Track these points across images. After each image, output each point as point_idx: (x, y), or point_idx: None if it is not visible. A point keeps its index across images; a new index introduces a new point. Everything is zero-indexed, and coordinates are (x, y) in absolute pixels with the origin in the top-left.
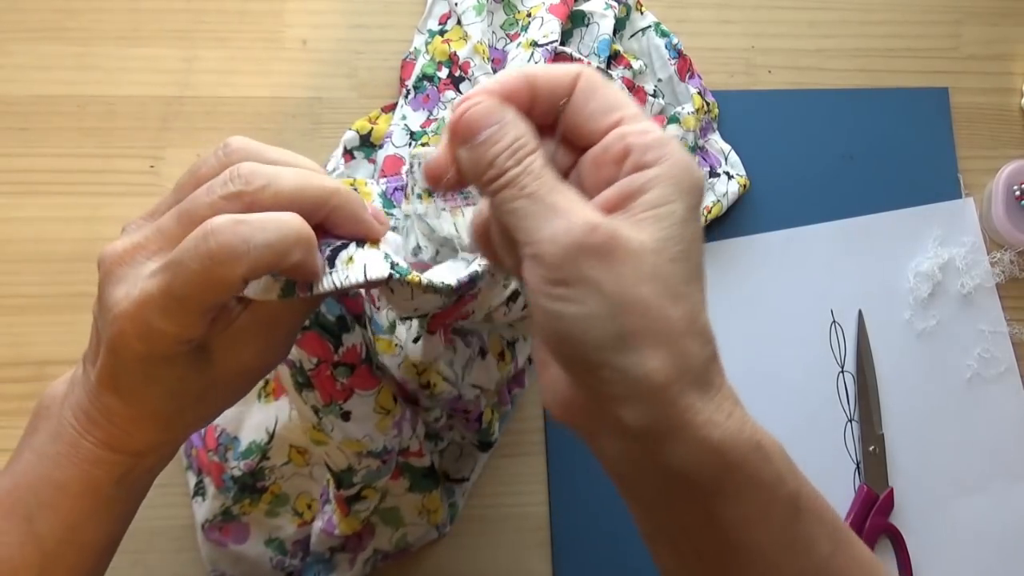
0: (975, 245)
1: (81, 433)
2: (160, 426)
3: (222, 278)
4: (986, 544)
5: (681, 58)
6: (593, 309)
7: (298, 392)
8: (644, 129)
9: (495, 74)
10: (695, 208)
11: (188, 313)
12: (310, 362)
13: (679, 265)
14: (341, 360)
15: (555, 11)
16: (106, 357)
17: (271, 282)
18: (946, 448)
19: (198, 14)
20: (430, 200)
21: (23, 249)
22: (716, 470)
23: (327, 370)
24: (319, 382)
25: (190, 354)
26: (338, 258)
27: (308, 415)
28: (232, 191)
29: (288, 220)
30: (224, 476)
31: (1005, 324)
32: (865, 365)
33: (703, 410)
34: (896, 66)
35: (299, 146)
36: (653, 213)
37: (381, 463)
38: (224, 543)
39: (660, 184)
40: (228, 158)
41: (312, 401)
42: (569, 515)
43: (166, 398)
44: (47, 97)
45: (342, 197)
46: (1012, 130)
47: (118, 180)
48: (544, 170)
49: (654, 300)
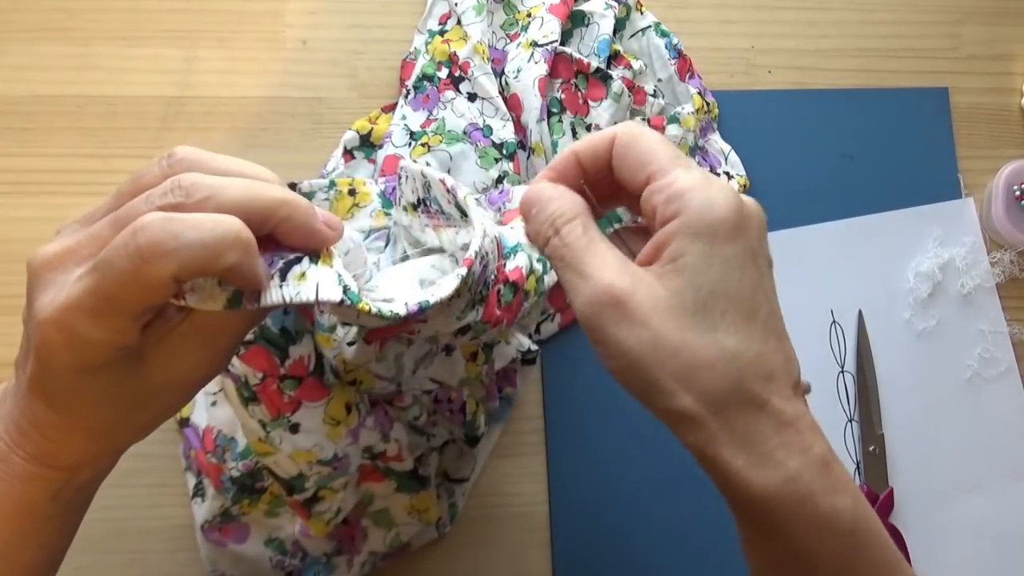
0: (975, 245)
1: (11, 447)
2: (93, 437)
3: (152, 277)
4: (986, 543)
5: (681, 58)
6: (623, 363)
7: (244, 406)
8: (666, 183)
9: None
10: (719, 245)
11: (117, 317)
12: (256, 376)
13: (694, 311)
14: (288, 373)
15: (555, 11)
16: (35, 365)
17: (217, 291)
18: (946, 448)
19: (198, 14)
20: (415, 214)
21: (23, 249)
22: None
23: (273, 384)
24: (265, 397)
25: (123, 363)
26: (290, 272)
27: (255, 428)
28: (171, 202)
29: (223, 220)
30: (223, 477)
31: (1005, 324)
32: (865, 365)
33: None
34: (896, 66)
35: (299, 146)
36: (672, 267)
37: (332, 469)
38: (224, 543)
39: (677, 236)
40: (172, 168)
41: (259, 415)
42: (569, 515)
43: (98, 408)
44: (47, 97)
45: (291, 207)
46: (1012, 130)
47: (118, 180)
48: (579, 237)
49: (669, 349)
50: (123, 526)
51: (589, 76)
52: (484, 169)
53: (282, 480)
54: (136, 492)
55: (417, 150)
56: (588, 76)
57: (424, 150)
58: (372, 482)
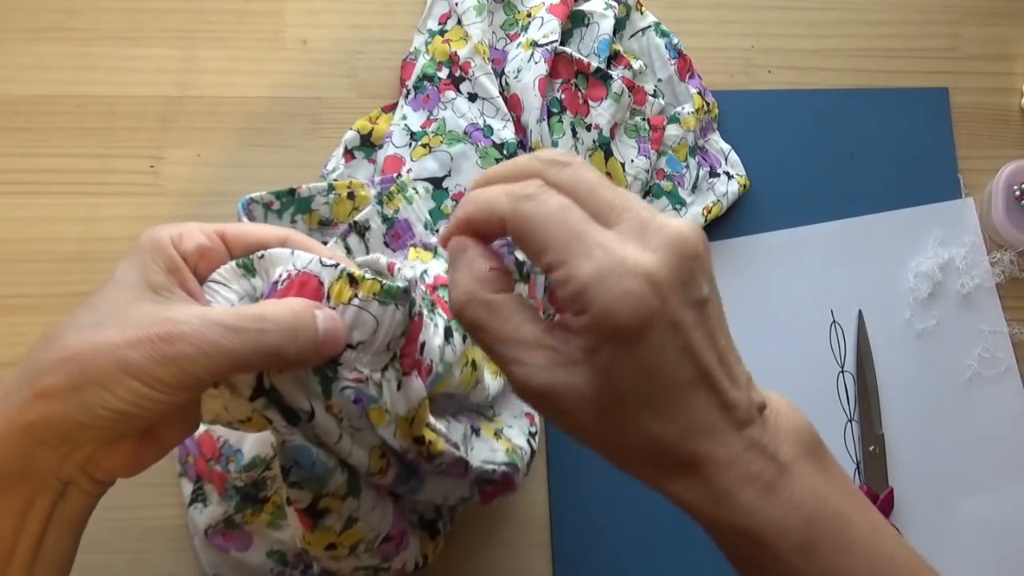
0: (975, 245)
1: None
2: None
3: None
4: (986, 543)
5: (681, 58)
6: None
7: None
8: (564, 278)
9: (492, 82)
10: (630, 347)
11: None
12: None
13: (614, 407)
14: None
15: (555, 11)
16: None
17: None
18: (946, 448)
19: (198, 14)
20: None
21: (23, 249)
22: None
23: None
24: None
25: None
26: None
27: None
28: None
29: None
30: (227, 485)
31: (1005, 324)
32: (865, 365)
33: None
34: (896, 66)
35: (299, 146)
36: (588, 363)
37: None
38: (227, 549)
39: (586, 335)
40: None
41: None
42: (569, 515)
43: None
44: (47, 97)
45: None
46: (1012, 130)
47: (118, 180)
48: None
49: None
50: (124, 526)
51: (589, 76)
52: (484, 169)
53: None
54: (137, 492)
55: (418, 151)
56: (588, 76)
57: (425, 151)
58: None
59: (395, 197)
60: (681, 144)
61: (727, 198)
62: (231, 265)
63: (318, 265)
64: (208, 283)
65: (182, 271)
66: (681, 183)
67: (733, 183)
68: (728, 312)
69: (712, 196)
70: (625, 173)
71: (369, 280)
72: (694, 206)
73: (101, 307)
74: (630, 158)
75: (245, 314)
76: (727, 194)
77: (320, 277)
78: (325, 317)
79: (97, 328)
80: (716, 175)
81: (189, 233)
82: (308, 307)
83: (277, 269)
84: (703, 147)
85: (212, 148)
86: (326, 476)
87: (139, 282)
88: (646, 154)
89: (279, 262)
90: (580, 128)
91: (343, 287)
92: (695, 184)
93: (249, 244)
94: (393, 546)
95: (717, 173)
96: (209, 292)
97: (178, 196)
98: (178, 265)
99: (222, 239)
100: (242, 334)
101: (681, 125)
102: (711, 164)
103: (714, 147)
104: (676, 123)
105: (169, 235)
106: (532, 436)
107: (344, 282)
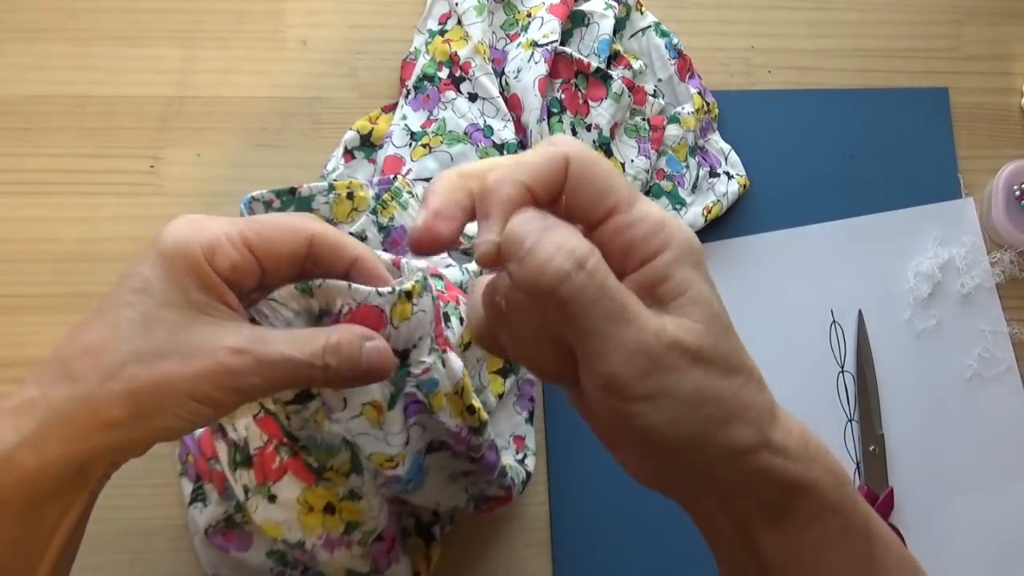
0: (975, 245)
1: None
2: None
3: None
4: (986, 543)
5: (681, 58)
6: (674, 414)
7: (232, 470)
8: (640, 216)
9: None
10: (706, 272)
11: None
12: (260, 439)
13: (726, 342)
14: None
15: (555, 11)
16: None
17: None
18: (946, 448)
19: (198, 14)
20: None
21: (23, 249)
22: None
23: (272, 446)
24: (260, 460)
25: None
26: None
27: (237, 492)
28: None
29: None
30: (227, 484)
31: (1005, 324)
32: (865, 365)
33: (778, 445)
34: (896, 66)
35: (299, 146)
36: (686, 299)
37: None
38: (227, 548)
39: (677, 267)
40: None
41: (244, 480)
42: (569, 515)
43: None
44: (47, 97)
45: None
46: (1012, 130)
47: (118, 180)
48: (607, 275)
49: (721, 385)
50: (126, 526)
51: (589, 76)
52: None
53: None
54: (139, 492)
55: (418, 151)
56: (588, 76)
57: (425, 151)
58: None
59: (389, 205)
60: (681, 144)
61: (727, 198)
62: (291, 289)
63: (376, 297)
64: (269, 301)
65: (219, 287)
66: (681, 183)
67: (733, 183)
68: (728, 312)
69: (712, 196)
70: (625, 173)
71: (417, 285)
72: (694, 206)
73: (156, 332)
74: (630, 158)
75: (306, 347)
76: (727, 194)
77: (380, 306)
78: (369, 348)
79: (161, 359)
80: (716, 175)
81: (222, 248)
82: (360, 337)
83: (337, 301)
84: (703, 147)
85: (212, 148)
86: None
87: (183, 302)
88: (646, 154)
89: (338, 293)
90: (580, 128)
91: (403, 307)
92: (695, 184)
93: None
94: (384, 550)
95: (717, 173)
96: (269, 309)
97: (178, 196)
98: (215, 282)
99: (249, 249)
100: (302, 365)
101: (681, 125)
102: (711, 164)
103: (714, 147)
104: (676, 123)
105: (201, 250)
106: (521, 461)
107: (403, 301)
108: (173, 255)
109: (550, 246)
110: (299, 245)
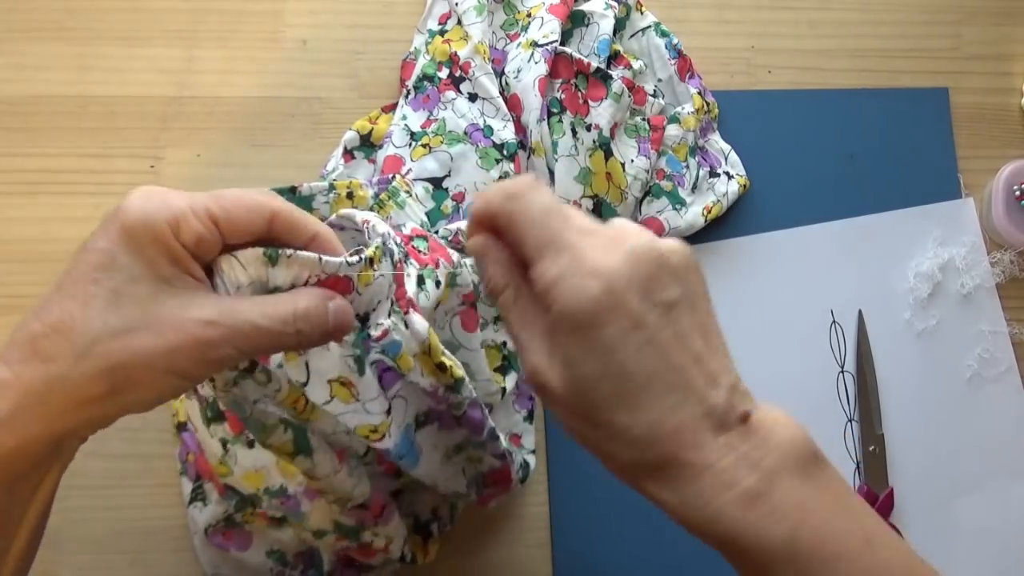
0: (975, 245)
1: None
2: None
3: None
4: (986, 543)
5: (681, 58)
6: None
7: (207, 426)
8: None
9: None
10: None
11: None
12: None
13: (583, 403)
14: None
15: (555, 11)
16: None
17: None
18: (946, 448)
19: (198, 14)
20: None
21: (23, 249)
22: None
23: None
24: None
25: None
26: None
27: (215, 449)
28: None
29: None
30: (227, 484)
31: (1005, 324)
32: (865, 365)
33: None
34: (896, 66)
35: (299, 146)
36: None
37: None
38: (227, 547)
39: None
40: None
41: (220, 434)
42: (569, 515)
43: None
44: (47, 97)
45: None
46: (1012, 130)
47: (118, 180)
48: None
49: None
50: (125, 526)
51: (589, 76)
52: (485, 170)
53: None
54: (138, 492)
55: (418, 151)
56: (588, 76)
57: (425, 151)
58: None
59: (386, 204)
60: (681, 144)
61: (727, 198)
62: (258, 253)
63: (347, 267)
64: (228, 257)
65: (186, 260)
66: (681, 183)
67: (733, 183)
68: (728, 312)
69: (712, 196)
70: (625, 173)
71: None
72: (694, 206)
73: (126, 307)
74: (630, 158)
75: (276, 315)
76: (727, 194)
77: (348, 275)
78: (334, 308)
79: (133, 334)
80: (716, 175)
81: (187, 223)
82: (324, 300)
83: (304, 273)
84: (703, 147)
85: (212, 148)
86: (265, 428)
87: (151, 276)
88: (646, 154)
89: (307, 266)
90: (580, 128)
91: (366, 273)
92: (695, 184)
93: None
94: (370, 515)
95: (717, 173)
96: (225, 264)
97: None
98: (182, 256)
99: (215, 224)
100: (273, 333)
101: (681, 125)
102: (711, 164)
103: (714, 147)
104: (676, 123)
105: (167, 224)
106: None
107: (366, 267)
108: (139, 229)
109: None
110: (262, 222)
